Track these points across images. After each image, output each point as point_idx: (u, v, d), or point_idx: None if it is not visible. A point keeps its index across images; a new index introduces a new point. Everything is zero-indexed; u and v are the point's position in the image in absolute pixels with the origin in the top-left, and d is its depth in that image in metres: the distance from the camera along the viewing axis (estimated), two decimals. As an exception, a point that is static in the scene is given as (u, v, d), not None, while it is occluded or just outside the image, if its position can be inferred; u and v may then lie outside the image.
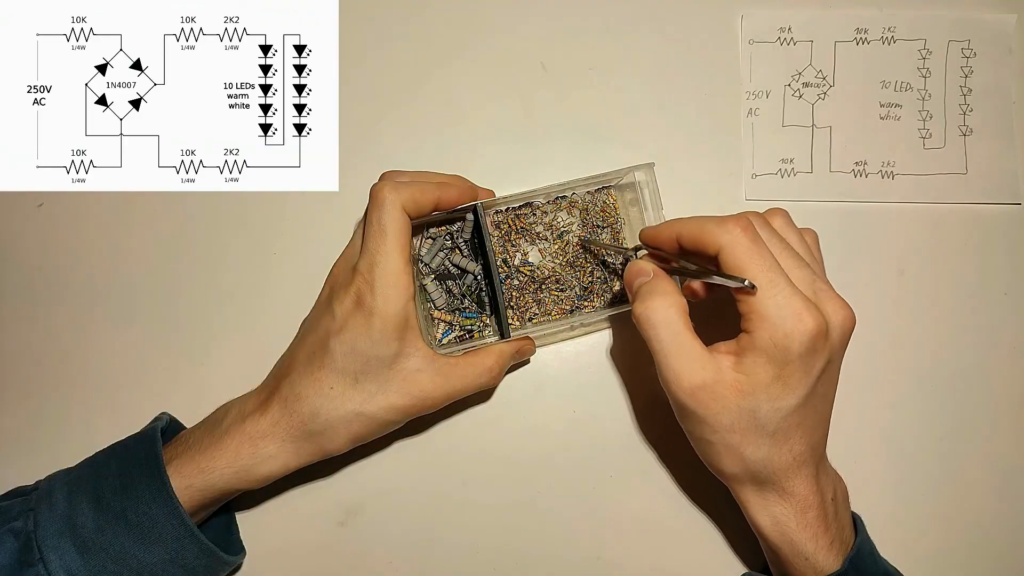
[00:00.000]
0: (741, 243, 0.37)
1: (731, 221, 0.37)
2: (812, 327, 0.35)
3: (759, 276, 0.36)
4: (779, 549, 0.40)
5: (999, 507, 0.49)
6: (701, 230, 0.38)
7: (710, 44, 0.53)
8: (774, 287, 0.36)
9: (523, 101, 0.53)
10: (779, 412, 0.37)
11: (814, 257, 0.41)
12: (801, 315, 0.35)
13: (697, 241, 0.38)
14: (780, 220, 0.41)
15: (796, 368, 0.36)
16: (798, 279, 0.37)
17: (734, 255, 0.37)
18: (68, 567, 0.38)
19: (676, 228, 0.40)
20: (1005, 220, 0.52)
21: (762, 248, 0.37)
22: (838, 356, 0.39)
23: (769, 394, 0.37)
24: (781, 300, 0.36)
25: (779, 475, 0.39)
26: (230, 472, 0.41)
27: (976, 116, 0.53)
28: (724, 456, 0.39)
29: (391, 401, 0.42)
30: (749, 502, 0.41)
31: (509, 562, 0.48)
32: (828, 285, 0.39)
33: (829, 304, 0.37)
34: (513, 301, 0.47)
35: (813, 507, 0.39)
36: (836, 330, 0.37)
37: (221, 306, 0.51)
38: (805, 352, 0.36)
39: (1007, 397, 0.50)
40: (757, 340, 0.36)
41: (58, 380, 0.50)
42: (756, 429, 0.38)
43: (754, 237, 0.37)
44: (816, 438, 0.40)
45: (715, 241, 0.37)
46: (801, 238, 0.41)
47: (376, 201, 0.41)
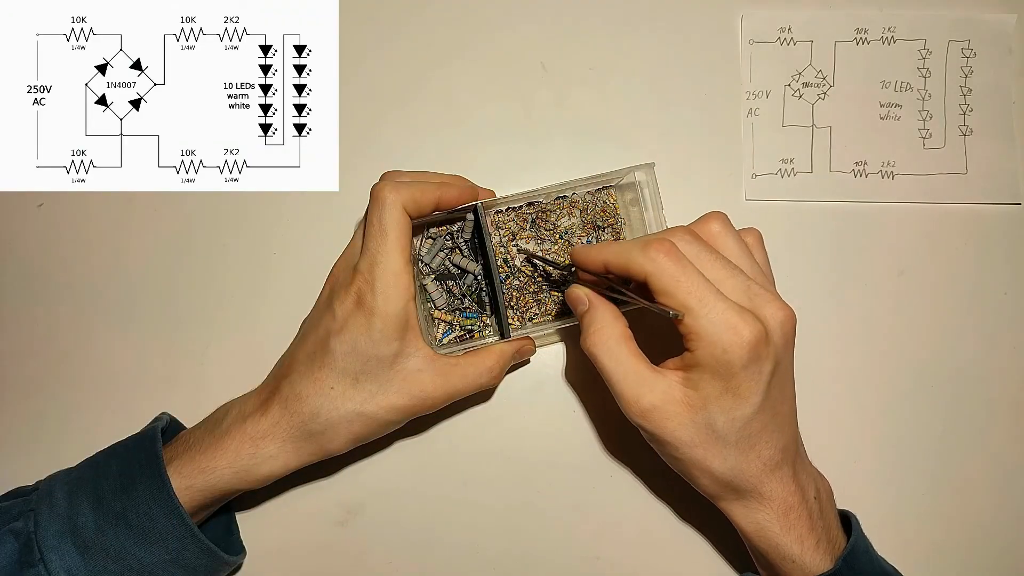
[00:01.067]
0: (665, 270, 0.37)
1: (654, 246, 0.37)
2: (749, 337, 0.36)
3: (687, 299, 0.36)
4: (767, 554, 0.40)
5: (998, 506, 0.49)
6: (628, 258, 0.38)
7: (710, 44, 0.53)
8: (704, 306, 0.36)
9: (523, 101, 0.53)
10: (736, 422, 0.37)
11: (753, 260, 0.40)
12: (736, 327, 0.36)
13: (624, 269, 0.38)
14: (716, 226, 0.40)
15: (743, 378, 0.36)
16: (731, 289, 0.37)
17: (660, 282, 0.37)
18: (68, 567, 0.38)
19: (604, 255, 0.39)
20: (1005, 220, 0.52)
21: (687, 269, 0.37)
22: (785, 356, 0.39)
23: (721, 406, 0.37)
24: (713, 317, 0.36)
25: (753, 482, 0.39)
26: (230, 472, 0.41)
27: (976, 116, 0.53)
28: (694, 471, 0.40)
29: (391, 401, 0.42)
30: (732, 512, 0.41)
31: (509, 562, 0.48)
32: (766, 288, 0.38)
33: (767, 308, 0.37)
34: (513, 301, 0.47)
35: (794, 508, 0.39)
36: (776, 332, 0.37)
37: (221, 306, 0.51)
38: (748, 361, 0.36)
39: (1006, 397, 0.50)
40: (699, 357, 0.37)
41: (58, 380, 0.50)
42: (717, 441, 0.38)
43: (677, 259, 0.37)
44: (785, 439, 0.40)
45: (640, 270, 0.37)
46: (739, 242, 0.40)
47: (377, 201, 0.41)
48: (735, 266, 0.39)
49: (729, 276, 0.38)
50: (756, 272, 0.40)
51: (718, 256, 0.39)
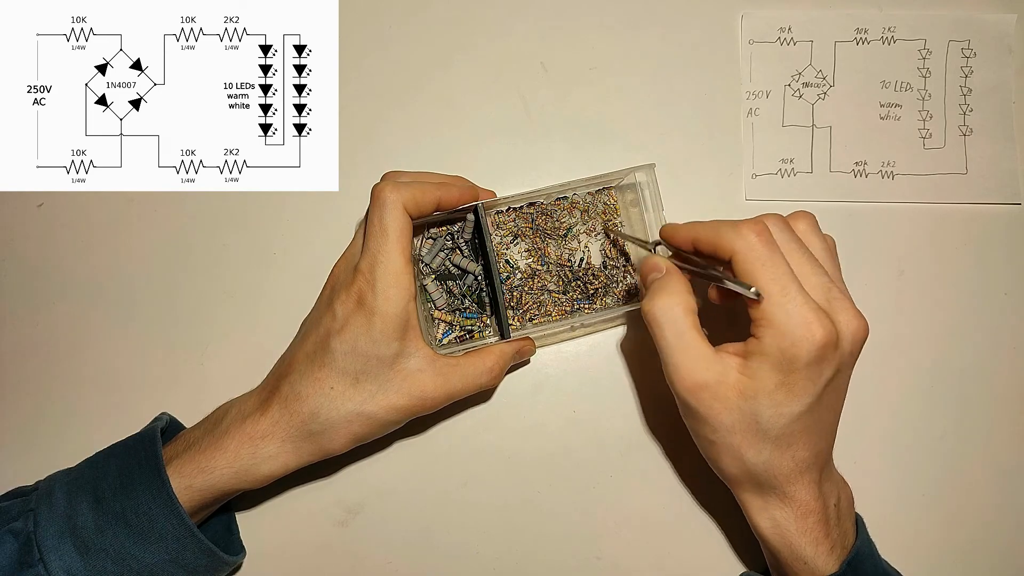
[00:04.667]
0: (754, 249, 0.36)
1: (747, 226, 0.37)
2: (820, 337, 0.35)
3: (769, 284, 0.36)
4: (778, 552, 0.40)
5: (999, 506, 0.49)
6: (717, 234, 0.38)
7: (710, 44, 0.53)
8: (784, 295, 0.36)
9: (523, 101, 0.53)
10: (782, 418, 0.37)
11: (835, 265, 0.40)
12: (810, 324, 0.35)
13: (713, 245, 0.38)
14: (804, 224, 0.40)
15: (802, 376, 0.36)
16: (813, 286, 0.37)
17: (746, 261, 0.37)
18: (68, 567, 0.38)
19: (694, 230, 0.39)
20: (1005, 220, 0.52)
21: (775, 255, 0.37)
22: (848, 366, 0.38)
23: (772, 399, 0.37)
24: (791, 308, 0.36)
25: (780, 480, 0.39)
26: (230, 472, 0.41)
27: (976, 116, 0.53)
28: (725, 456, 0.39)
29: (391, 401, 0.42)
30: (749, 504, 0.41)
31: (509, 562, 0.48)
32: (844, 294, 0.38)
33: (843, 314, 0.37)
34: (513, 301, 0.47)
35: (814, 513, 0.39)
36: (847, 340, 0.37)
37: (221, 306, 0.51)
38: (812, 361, 0.36)
39: (1007, 397, 0.50)
40: (764, 346, 0.36)
41: (58, 380, 0.50)
42: (757, 433, 0.38)
43: (768, 243, 0.37)
44: (821, 445, 0.39)
45: (729, 246, 0.37)
46: (824, 244, 0.40)
47: (378, 201, 0.41)
48: (820, 265, 0.38)
49: (813, 273, 0.38)
50: (837, 277, 0.40)
51: (806, 251, 0.38)
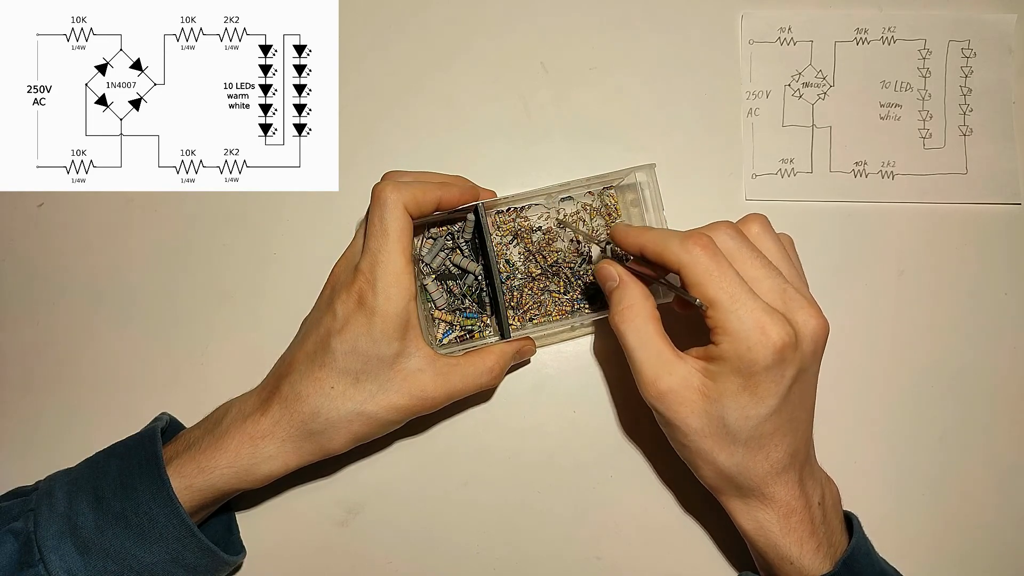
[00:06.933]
0: (700, 262, 0.37)
1: (692, 239, 0.37)
2: (776, 338, 0.36)
3: (718, 293, 0.36)
4: (764, 553, 0.40)
5: (999, 507, 0.49)
6: (664, 247, 0.38)
7: (710, 44, 0.53)
8: (734, 302, 0.36)
9: (523, 101, 0.53)
10: (749, 420, 0.37)
11: (792, 265, 0.40)
12: (764, 327, 0.36)
13: (659, 257, 0.39)
14: (757, 227, 0.40)
15: (763, 379, 0.36)
16: (767, 290, 0.37)
17: (693, 274, 0.37)
18: (68, 567, 0.38)
19: (642, 239, 0.40)
20: (1005, 220, 0.52)
21: (721, 264, 0.37)
22: (811, 364, 0.39)
23: (737, 403, 0.37)
24: (743, 314, 0.36)
25: (757, 482, 0.39)
26: (230, 472, 0.41)
27: (976, 116, 0.53)
28: (699, 461, 0.40)
29: (392, 401, 0.42)
30: (733, 507, 0.41)
31: (509, 562, 0.48)
32: (801, 293, 0.38)
33: (799, 313, 0.37)
34: (513, 301, 0.47)
35: (796, 512, 0.39)
36: (806, 339, 0.37)
37: (221, 306, 0.51)
38: (772, 364, 0.36)
39: (1007, 397, 0.50)
40: (723, 351, 0.37)
41: (58, 380, 0.50)
42: (727, 436, 0.38)
43: (713, 254, 0.37)
44: (797, 444, 0.39)
45: (676, 259, 0.38)
46: (779, 245, 0.40)
47: (378, 200, 0.41)
48: (774, 267, 0.39)
49: (767, 276, 0.38)
50: (794, 276, 0.40)
51: (758, 255, 0.39)
